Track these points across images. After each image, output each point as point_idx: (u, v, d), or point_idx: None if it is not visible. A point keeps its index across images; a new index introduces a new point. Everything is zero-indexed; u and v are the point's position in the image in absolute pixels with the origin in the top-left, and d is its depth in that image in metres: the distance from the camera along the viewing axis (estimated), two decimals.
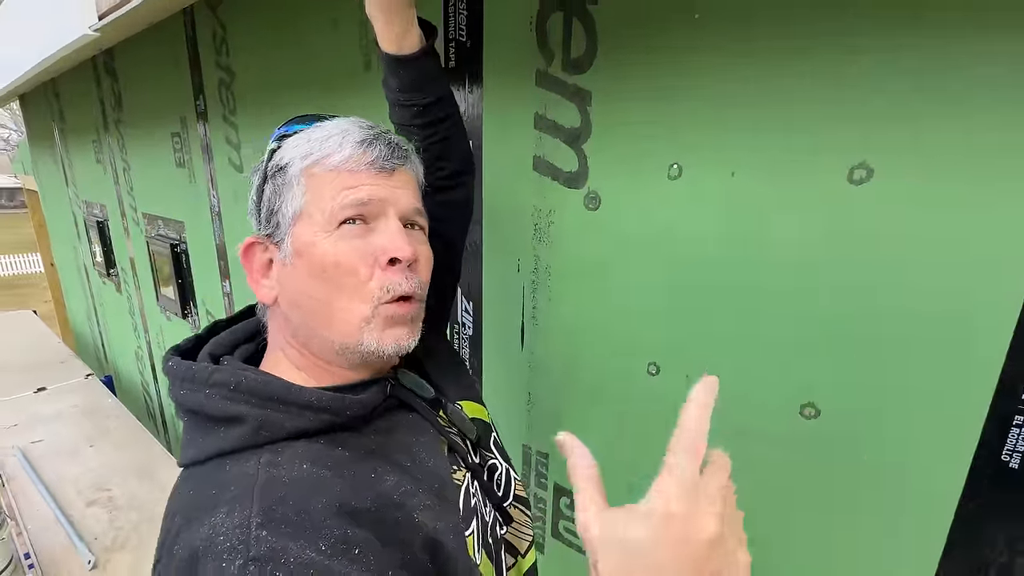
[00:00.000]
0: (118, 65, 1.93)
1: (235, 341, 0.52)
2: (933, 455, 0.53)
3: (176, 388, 0.46)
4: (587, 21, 0.67)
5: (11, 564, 1.15)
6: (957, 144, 0.46)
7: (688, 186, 0.63)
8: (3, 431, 1.81)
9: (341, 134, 0.46)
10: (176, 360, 0.47)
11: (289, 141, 0.48)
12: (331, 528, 0.37)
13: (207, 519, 0.37)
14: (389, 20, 0.53)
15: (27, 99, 3.29)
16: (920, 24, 0.46)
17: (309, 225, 0.46)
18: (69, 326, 4.10)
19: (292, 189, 0.46)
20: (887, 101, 0.49)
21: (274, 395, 0.43)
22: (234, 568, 0.34)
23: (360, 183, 0.45)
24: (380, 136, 0.47)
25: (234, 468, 0.41)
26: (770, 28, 0.54)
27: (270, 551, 0.35)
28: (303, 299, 0.47)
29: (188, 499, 0.41)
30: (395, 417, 0.50)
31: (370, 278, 0.46)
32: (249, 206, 0.51)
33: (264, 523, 0.36)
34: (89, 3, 0.84)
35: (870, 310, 0.53)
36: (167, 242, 1.90)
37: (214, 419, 0.43)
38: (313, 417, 0.43)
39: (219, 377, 0.44)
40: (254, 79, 1.29)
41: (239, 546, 0.35)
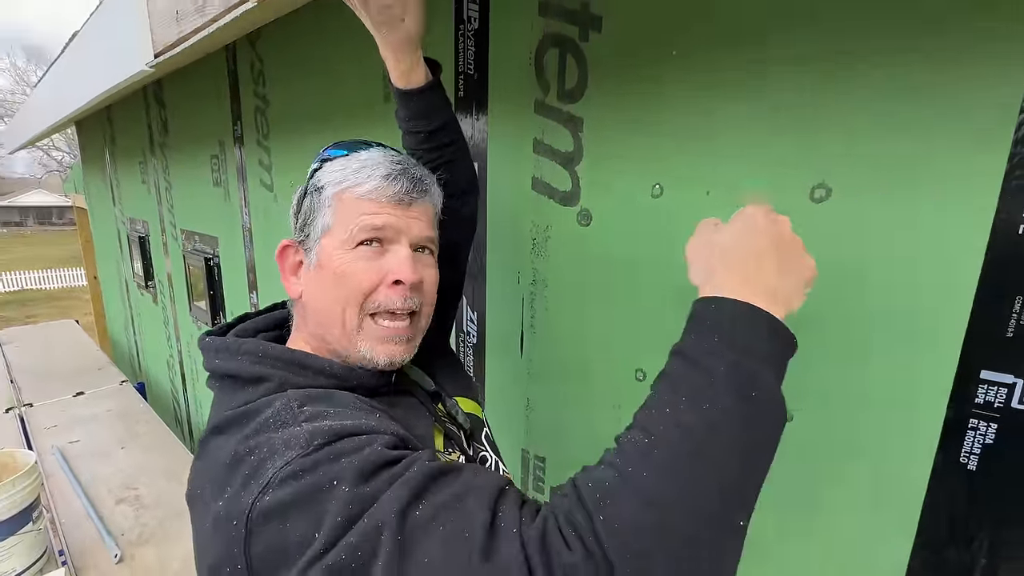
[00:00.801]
0: (166, 94, 2.11)
1: (257, 329, 0.60)
2: (897, 457, 0.55)
3: (211, 358, 0.54)
4: (579, 56, 0.74)
5: (45, 554, 1.23)
6: (906, 165, 0.51)
7: (669, 204, 0.69)
8: (44, 431, 1.93)
9: (372, 167, 0.53)
10: (211, 338, 0.56)
11: (329, 165, 0.56)
12: (354, 403, 0.47)
13: (252, 422, 0.44)
14: (398, 59, 0.61)
15: (83, 124, 3.57)
16: (870, 58, 0.51)
17: (333, 241, 0.53)
18: (107, 335, 4.33)
19: (324, 208, 0.54)
20: (843, 128, 0.54)
21: (294, 360, 0.51)
22: (289, 428, 0.41)
23: (380, 212, 0.53)
24: (405, 171, 0.54)
25: (264, 402, 0.47)
26: (737, 63, 0.60)
27: (314, 413, 0.43)
28: (318, 301, 0.55)
29: (225, 425, 0.47)
30: (398, 399, 0.57)
31: (371, 292, 0.53)
32: (291, 209, 0.60)
33: (303, 402, 0.45)
34: (147, 43, 0.96)
35: (832, 318, 0.57)
36: (202, 256, 2.04)
37: (244, 379, 0.51)
38: (325, 381, 0.51)
39: (247, 347, 0.52)
40: (286, 107, 1.41)
41: (288, 419, 0.43)
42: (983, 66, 0.46)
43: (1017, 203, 0.45)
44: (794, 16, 0.55)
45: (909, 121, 0.50)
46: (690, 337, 0.40)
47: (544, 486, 0.95)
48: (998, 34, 0.44)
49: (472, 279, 0.98)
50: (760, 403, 0.36)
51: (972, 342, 0.49)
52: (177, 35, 0.88)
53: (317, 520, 0.36)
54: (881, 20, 0.50)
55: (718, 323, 0.39)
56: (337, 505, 0.36)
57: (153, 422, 2.02)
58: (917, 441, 0.54)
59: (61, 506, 1.49)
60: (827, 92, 0.54)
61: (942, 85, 0.48)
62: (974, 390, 0.49)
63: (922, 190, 0.50)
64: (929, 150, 0.49)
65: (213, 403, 0.53)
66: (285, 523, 0.37)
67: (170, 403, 2.87)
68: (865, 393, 0.56)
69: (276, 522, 0.37)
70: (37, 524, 1.18)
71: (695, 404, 0.36)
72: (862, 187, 0.53)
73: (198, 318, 2.22)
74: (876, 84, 0.51)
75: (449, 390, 0.65)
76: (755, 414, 0.36)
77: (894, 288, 0.53)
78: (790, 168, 0.58)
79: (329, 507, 0.36)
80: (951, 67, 0.47)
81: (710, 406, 0.35)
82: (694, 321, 0.41)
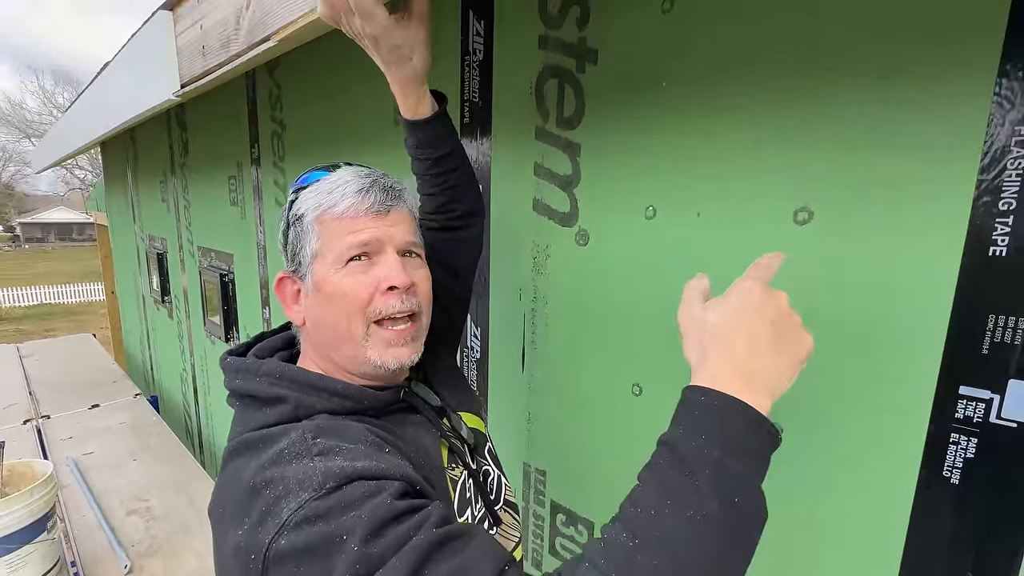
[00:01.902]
0: (188, 117, 2.20)
1: (274, 348, 0.63)
2: (883, 472, 0.57)
3: (232, 378, 0.57)
4: (577, 87, 0.78)
5: (58, 564, 1.25)
6: (883, 189, 0.54)
7: (662, 225, 0.72)
8: (60, 443, 1.98)
9: (343, 186, 0.56)
10: (232, 358, 0.59)
11: (303, 194, 0.58)
12: (365, 438, 0.49)
13: (269, 450, 0.47)
14: (406, 94, 0.66)
15: (107, 145, 3.72)
16: (851, 89, 0.55)
17: (323, 264, 0.56)
18: (123, 349, 4.41)
19: (309, 235, 0.56)
20: (823, 155, 0.57)
21: (309, 382, 0.54)
22: (303, 462, 0.44)
23: (361, 227, 0.55)
24: (375, 183, 0.57)
25: (281, 430, 0.50)
26: (724, 92, 0.63)
27: (328, 447, 0.46)
28: (323, 322, 0.57)
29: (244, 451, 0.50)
30: (405, 415, 0.60)
31: (369, 302, 0.55)
32: (278, 244, 0.62)
33: (317, 435, 0.47)
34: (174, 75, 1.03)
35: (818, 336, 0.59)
36: (217, 272, 2.10)
37: (262, 400, 0.54)
38: (339, 402, 0.54)
39: (266, 368, 0.55)
40: (302, 131, 1.47)
41: (303, 451, 0.45)
42: (950, 93, 0.49)
43: (986, 226, 0.48)
44: (777, 47, 0.59)
45: (886, 147, 0.53)
46: (679, 430, 0.40)
47: (544, 499, 0.97)
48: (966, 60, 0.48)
49: (476, 296, 1.01)
50: (743, 507, 0.37)
51: (950, 359, 0.51)
52: (202, 68, 0.94)
53: (327, 573, 0.38)
54: (863, 48, 0.53)
55: (707, 418, 0.39)
56: (346, 562, 0.38)
57: (165, 435, 2.06)
58: (902, 456, 0.55)
59: (74, 516, 1.52)
60: (811, 116, 0.57)
61: (917, 110, 0.51)
62: (953, 405, 0.51)
63: (898, 213, 0.53)
64: (904, 175, 0.52)
65: (234, 420, 0.56)
66: (299, 568, 0.40)
67: (182, 416, 2.92)
68: (849, 410, 0.58)
69: (291, 565, 0.40)
70: (51, 533, 1.21)
71: (679, 510, 0.36)
72: (842, 210, 0.56)
73: (212, 333, 2.27)
74: (857, 109, 0.54)
75: (454, 405, 0.67)
76: (738, 520, 0.37)
77: (874, 307, 0.55)
78: (775, 192, 0.61)
79: (338, 562, 0.38)
80: (925, 91, 0.50)
81: (694, 513, 0.36)
82: (683, 410, 0.41)
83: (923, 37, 0.49)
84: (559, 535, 0.95)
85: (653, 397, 0.77)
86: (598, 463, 0.85)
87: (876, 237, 0.54)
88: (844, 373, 0.58)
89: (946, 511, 0.53)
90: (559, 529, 0.95)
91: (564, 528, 0.94)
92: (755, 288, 0.43)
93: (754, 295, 0.43)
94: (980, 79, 0.47)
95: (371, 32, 0.59)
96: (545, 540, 0.97)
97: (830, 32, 0.55)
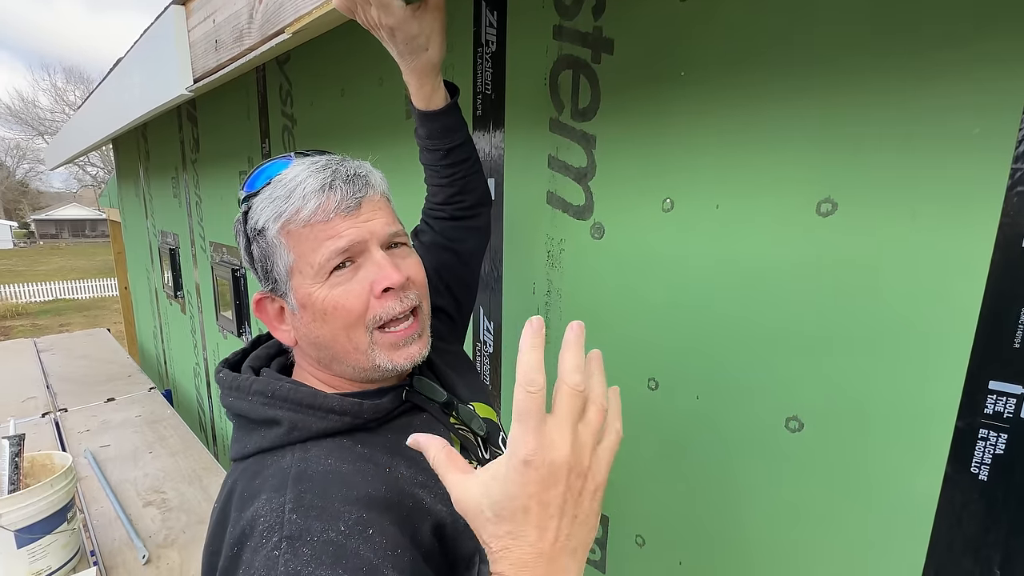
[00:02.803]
0: (199, 113, 2.21)
1: (270, 355, 0.60)
2: (908, 469, 0.56)
3: (225, 395, 0.54)
4: (592, 77, 0.77)
5: (78, 554, 1.28)
6: (910, 178, 0.52)
7: (679, 217, 0.71)
8: (78, 435, 2.01)
9: (301, 186, 0.49)
10: (225, 372, 0.55)
11: (256, 202, 0.51)
12: (348, 513, 0.43)
13: (252, 505, 0.45)
14: (421, 84, 0.65)
15: (119, 142, 3.75)
16: (878, 72, 0.53)
17: (303, 279, 0.50)
18: (136, 343, 4.47)
19: (276, 249, 0.50)
20: (848, 144, 0.55)
21: (303, 401, 0.50)
22: (271, 544, 0.41)
23: (336, 232, 0.49)
24: (336, 174, 0.50)
25: (274, 463, 0.49)
26: (746, 81, 0.62)
27: (299, 531, 0.42)
28: (318, 339, 0.53)
29: (238, 489, 0.49)
30: (409, 418, 0.57)
31: (365, 310, 0.51)
32: (243, 261, 0.56)
33: (295, 508, 0.43)
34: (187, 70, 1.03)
35: (839, 331, 0.58)
36: (229, 267, 2.11)
37: (256, 422, 0.51)
38: (336, 419, 0.50)
39: (258, 387, 0.51)
40: (312, 125, 1.47)
41: (275, 526, 0.42)
42: (987, 79, 0.47)
43: (1019, 217, 0.46)
44: (798, 36, 0.57)
45: (914, 135, 0.51)
46: None
47: None
48: (998, 55, 0.46)
49: (489, 290, 1.01)
50: None
51: (979, 353, 0.50)
52: (215, 63, 0.94)
53: None
54: (887, 35, 0.52)
55: None
56: None
57: (179, 428, 2.08)
58: (927, 451, 0.54)
59: (92, 507, 1.55)
60: (835, 106, 0.56)
61: (948, 99, 0.49)
62: (983, 400, 0.50)
63: (927, 203, 0.51)
64: (934, 163, 0.51)
65: (232, 436, 0.54)
66: None
67: (195, 409, 2.95)
68: (874, 405, 0.57)
69: None
70: (72, 524, 1.23)
71: None
72: (867, 201, 0.55)
73: (224, 327, 2.29)
74: (883, 98, 0.53)
75: (464, 396, 0.66)
76: None
77: (900, 300, 0.54)
78: (798, 183, 0.59)
79: None
80: (956, 80, 0.49)
81: None
82: None
83: (954, 20, 0.48)
84: None
85: (669, 391, 0.76)
86: (615, 458, 0.85)
87: (903, 228, 0.53)
88: (868, 368, 0.57)
89: (973, 507, 0.52)
90: None
91: None
92: (557, 428, 0.34)
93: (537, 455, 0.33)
94: (1014, 64, 0.45)
95: (388, 23, 0.58)
96: None
97: (855, 21, 0.53)
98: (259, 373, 0.57)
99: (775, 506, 0.67)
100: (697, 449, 0.74)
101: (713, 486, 0.73)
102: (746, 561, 0.71)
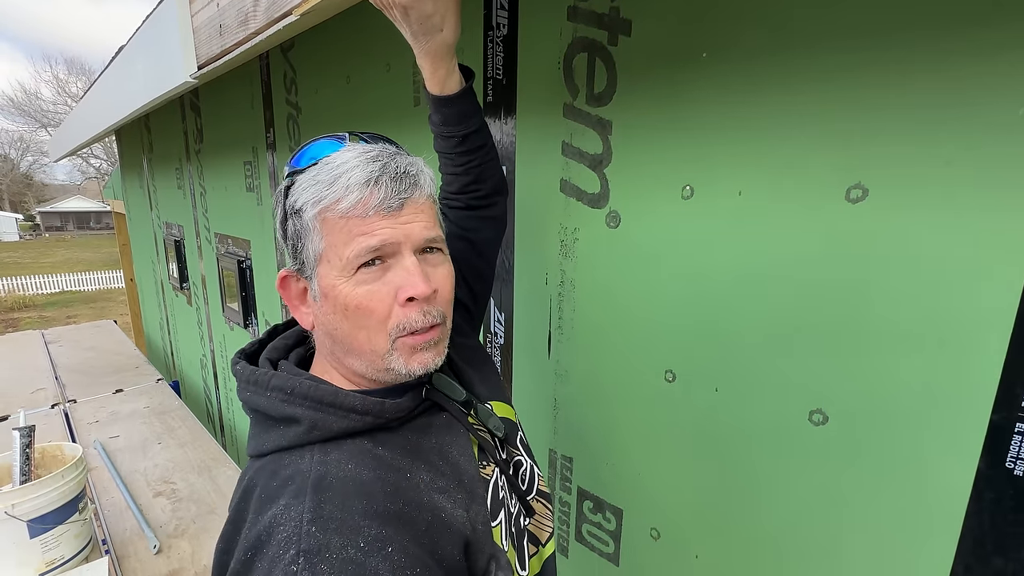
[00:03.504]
0: (202, 103, 2.19)
1: (288, 347, 0.58)
2: (938, 460, 0.54)
3: (243, 390, 0.52)
4: (608, 60, 0.75)
5: (91, 543, 1.28)
6: (946, 162, 0.50)
7: (700, 205, 0.69)
8: (88, 426, 2.02)
9: (346, 175, 0.47)
10: (243, 364, 0.53)
11: (300, 180, 0.50)
12: (368, 528, 0.42)
13: (270, 509, 0.44)
14: (435, 67, 0.63)
15: (122, 133, 3.74)
16: (913, 55, 0.51)
17: (330, 269, 0.49)
18: (143, 335, 4.50)
19: (310, 233, 0.49)
20: (879, 127, 0.53)
21: (324, 399, 0.48)
22: (288, 557, 0.40)
23: (371, 229, 0.47)
24: (385, 169, 0.48)
25: (292, 463, 0.47)
26: (769, 62, 0.60)
27: (317, 545, 0.40)
28: (336, 332, 0.51)
29: (255, 488, 0.47)
30: (429, 418, 0.56)
31: (388, 316, 0.49)
32: (276, 235, 0.55)
33: (314, 519, 0.42)
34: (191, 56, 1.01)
35: (870, 322, 0.56)
36: (235, 259, 2.10)
37: (274, 419, 0.49)
38: (357, 419, 0.49)
39: (276, 383, 0.50)
40: (318, 114, 1.45)
41: (293, 538, 0.41)
42: None
43: None
44: (830, 16, 0.55)
45: (952, 115, 0.49)
46: None
47: (571, 486, 0.96)
48: None
49: (500, 280, 0.99)
50: None
51: (1018, 344, 0.48)
52: (220, 48, 0.92)
53: None
54: (920, 16, 0.49)
55: None
56: None
57: (188, 419, 2.09)
58: (959, 446, 0.52)
59: (103, 498, 1.56)
60: (867, 86, 0.53)
61: (990, 77, 0.47)
62: (1021, 394, 0.48)
63: (965, 187, 0.49)
64: (973, 145, 0.48)
65: (250, 431, 0.53)
66: None
67: (203, 401, 2.97)
68: (904, 398, 0.55)
69: None
70: (83, 514, 1.24)
71: None
72: (901, 186, 0.53)
73: (231, 319, 2.29)
74: (920, 77, 0.50)
75: (483, 395, 0.64)
76: None
77: (934, 290, 0.52)
78: (825, 168, 0.57)
79: None
80: (1000, 58, 0.46)
81: None
82: None
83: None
84: (586, 522, 0.94)
85: (687, 384, 0.75)
86: (630, 450, 0.84)
87: (939, 216, 0.51)
88: (898, 360, 0.55)
89: (1006, 503, 0.50)
90: (586, 516, 0.94)
91: (591, 515, 0.93)
92: None
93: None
94: None
95: (401, 1, 0.56)
96: (571, 527, 0.97)
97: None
98: (277, 366, 0.55)
99: (798, 501, 0.65)
100: (716, 442, 0.72)
101: (733, 479, 0.71)
102: (767, 556, 0.69)
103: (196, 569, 1.27)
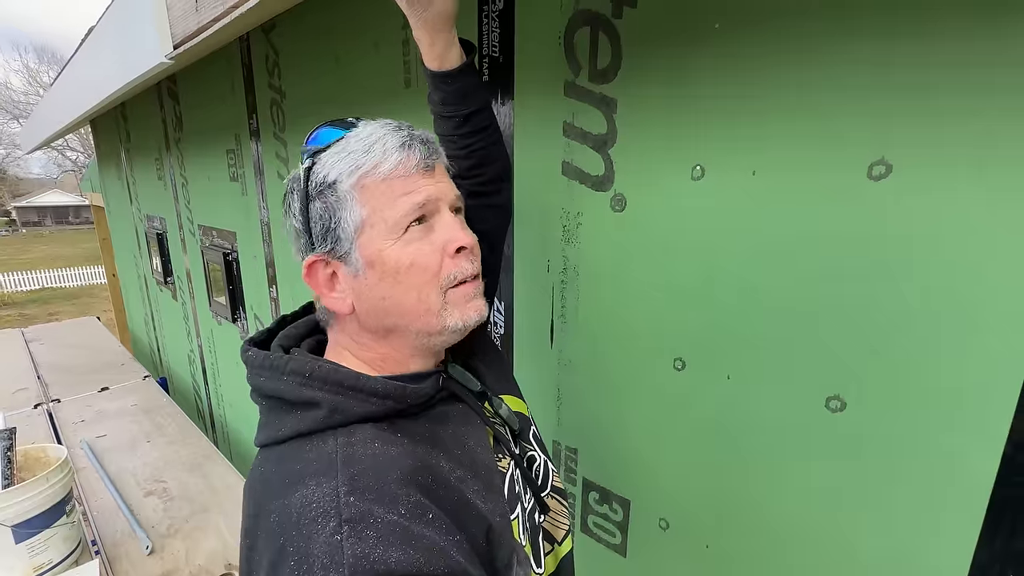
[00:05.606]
0: (180, 89, 2.10)
1: (299, 335, 0.57)
2: (961, 447, 0.53)
3: (255, 375, 0.50)
4: (612, 34, 0.71)
5: (80, 546, 1.25)
6: (977, 136, 0.47)
7: (711, 186, 0.66)
8: (73, 426, 1.97)
9: (380, 142, 0.48)
10: (254, 351, 0.51)
11: (325, 157, 0.50)
12: (407, 496, 0.42)
13: (298, 491, 0.42)
14: (433, 41, 0.59)
15: (98, 123, 3.60)
16: (933, 29, 0.48)
17: (375, 235, 0.49)
18: (128, 331, 4.40)
19: (347, 204, 0.48)
20: (904, 100, 0.50)
21: (344, 382, 0.47)
22: (328, 529, 0.38)
23: (415, 187, 0.49)
24: (413, 136, 0.50)
25: (314, 447, 0.45)
26: (786, 34, 0.56)
27: (359, 513, 0.39)
28: (383, 303, 0.50)
29: (274, 475, 0.45)
30: (446, 408, 0.54)
31: (439, 270, 0.50)
32: (289, 229, 0.53)
33: (351, 491, 0.41)
34: (165, 35, 0.95)
35: (892, 304, 0.54)
36: (221, 251, 2.04)
37: (291, 403, 0.48)
38: (378, 403, 0.48)
39: (294, 366, 0.48)
40: (303, 98, 1.39)
41: (331, 510, 0.39)
42: None
43: None
44: None
45: (983, 85, 0.46)
46: None
47: (576, 477, 0.94)
48: None
49: None
50: None
51: None
52: (196, 25, 0.86)
53: None
54: None
55: None
56: None
57: (177, 416, 2.04)
58: (984, 432, 0.51)
59: (92, 499, 1.52)
60: (891, 53, 0.50)
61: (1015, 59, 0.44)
62: None
63: (997, 164, 0.47)
64: (1008, 116, 0.46)
65: (260, 420, 0.50)
66: None
67: (192, 397, 2.91)
68: (926, 383, 0.54)
69: None
70: (71, 517, 1.20)
71: None
72: (927, 162, 0.50)
73: (218, 313, 2.23)
74: (948, 44, 0.48)
75: (496, 388, 0.62)
76: None
77: (961, 272, 0.50)
78: (846, 143, 0.54)
79: None
80: None
81: None
82: None
83: None
84: (592, 513, 0.92)
85: (697, 371, 0.72)
86: (637, 440, 0.82)
87: (969, 192, 0.48)
88: (921, 345, 0.53)
89: None
90: (592, 507, 0.92)
91: (597, 506, 0.91)
92: None
93: None
94: None
95: None
96: (577, 518, 0.95)
97: None
98: (289, 353, 0.53)
99: (813, 489, 0.64)
100: (727, 430, 0.71)
101: (744, 468, 0.70)
102: (780, 545, 0.68)
103: (190, 569, 1.24)
